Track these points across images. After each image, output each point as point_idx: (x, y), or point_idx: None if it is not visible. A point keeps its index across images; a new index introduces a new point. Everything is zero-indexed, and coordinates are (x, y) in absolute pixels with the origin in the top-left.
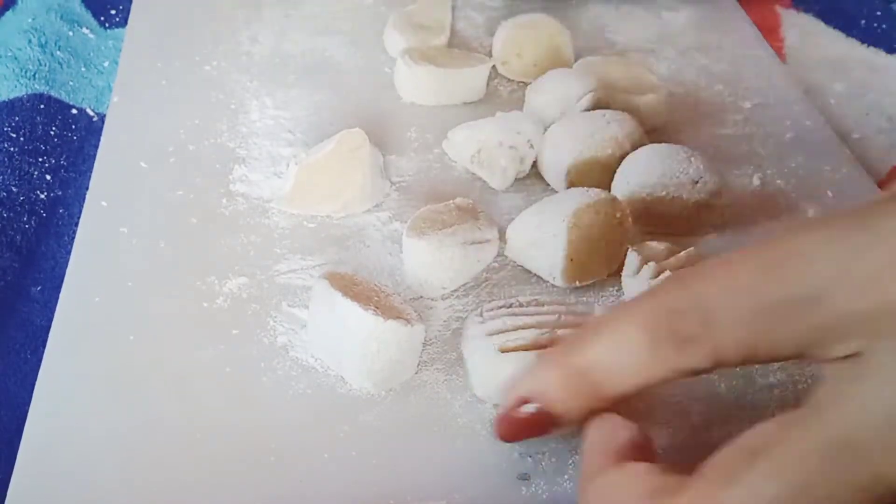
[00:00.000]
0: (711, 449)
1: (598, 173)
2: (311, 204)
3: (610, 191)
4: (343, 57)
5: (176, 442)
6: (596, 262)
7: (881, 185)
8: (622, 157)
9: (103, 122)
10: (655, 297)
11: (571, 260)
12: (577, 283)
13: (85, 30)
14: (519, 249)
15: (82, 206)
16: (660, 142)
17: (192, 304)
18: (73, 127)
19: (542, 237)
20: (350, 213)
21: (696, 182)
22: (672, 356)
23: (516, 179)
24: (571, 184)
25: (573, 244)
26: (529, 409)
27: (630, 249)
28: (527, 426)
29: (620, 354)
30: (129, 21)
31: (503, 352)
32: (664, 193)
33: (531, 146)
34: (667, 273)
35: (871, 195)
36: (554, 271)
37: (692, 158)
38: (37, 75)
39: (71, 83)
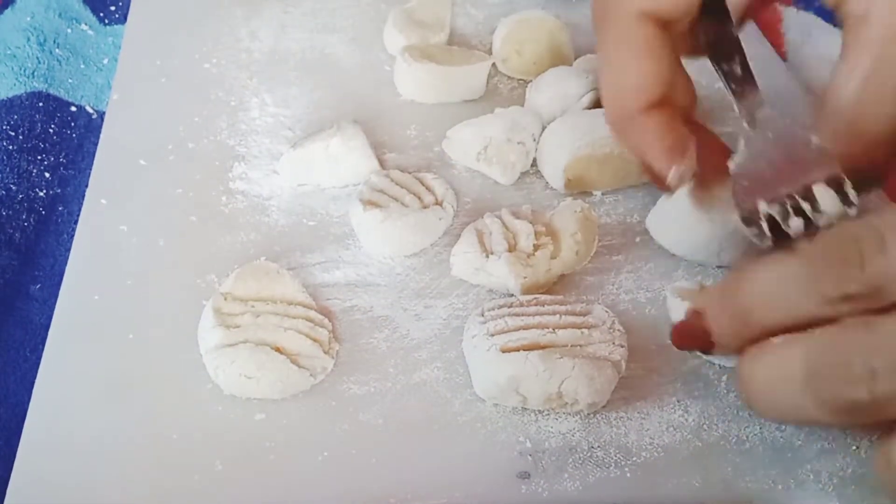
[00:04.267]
0: (711, 448)
1: (595, 171)
2: (310, 176)
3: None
4: (343, 54)
5: (175, 440)
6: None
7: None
8: (619, 156)
9: (102, 120)
10: (830, 232)
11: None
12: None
13: (84, 26)
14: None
15: (81, 204)
16: None
17: (192, 303)
18: (73, 124)
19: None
20: (344, 184)
21: None
22: (830, 283)
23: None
24: (568, 181)
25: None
26: (686, 316)
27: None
28: (688, 337)
29: (778, 284)
30: (129, 17)
31: (504, 351)
32: None
33: (534, 140)
34: None
35: (871, 193)
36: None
37: None
38: (35, 73)
39: (70, 80)
